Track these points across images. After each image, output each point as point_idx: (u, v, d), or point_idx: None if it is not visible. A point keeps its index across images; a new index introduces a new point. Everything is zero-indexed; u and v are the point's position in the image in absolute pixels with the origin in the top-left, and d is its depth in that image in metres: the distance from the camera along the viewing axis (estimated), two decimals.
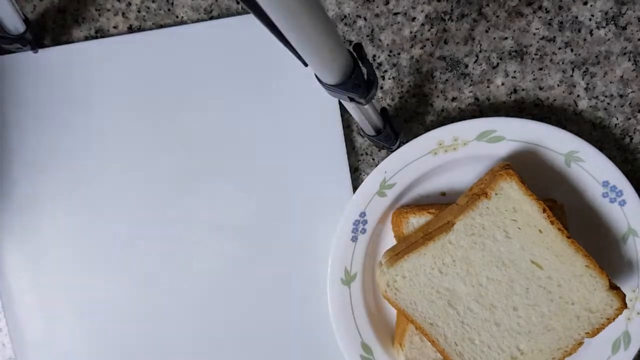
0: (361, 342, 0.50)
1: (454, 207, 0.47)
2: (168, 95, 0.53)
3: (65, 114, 0.53)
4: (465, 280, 0.45)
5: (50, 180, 0.53)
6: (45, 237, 0.53)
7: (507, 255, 0.45)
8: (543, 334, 0.45)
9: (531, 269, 0.45)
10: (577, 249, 0.45)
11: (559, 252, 0.45)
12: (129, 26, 0.54)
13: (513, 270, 0.45)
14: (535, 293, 0.44)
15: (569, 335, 0.45)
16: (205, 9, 0.54)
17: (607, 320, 0.45)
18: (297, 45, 0.30)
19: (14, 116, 0.53)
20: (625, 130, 0.53)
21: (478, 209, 0.45)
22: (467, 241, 0.45)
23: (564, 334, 0.45)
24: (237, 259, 0.53)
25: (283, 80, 0.53)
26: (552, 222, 0.45)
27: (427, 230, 0.47)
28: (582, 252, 0.45)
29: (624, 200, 0.49)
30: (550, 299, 0.44)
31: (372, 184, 0.50)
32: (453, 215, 0.46)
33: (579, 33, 0.52)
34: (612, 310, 0.45)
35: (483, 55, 0.53)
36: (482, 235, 0.45)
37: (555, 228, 0.45)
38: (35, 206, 0.53)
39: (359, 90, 0.35)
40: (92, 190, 0.53)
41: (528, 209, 0.45)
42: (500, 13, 0.52)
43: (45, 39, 0.54)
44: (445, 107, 0.53)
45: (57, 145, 0.53)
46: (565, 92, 0.53)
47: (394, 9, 0.52)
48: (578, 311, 0.45)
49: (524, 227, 0.45)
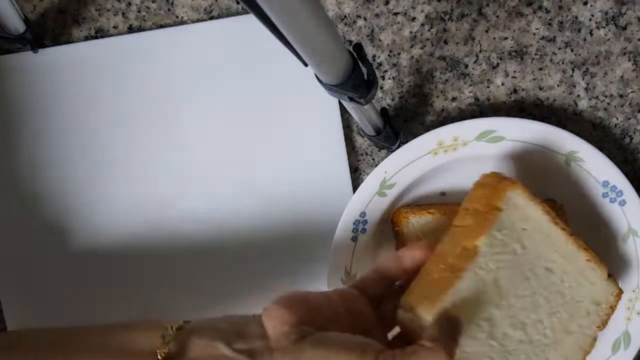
0: None
1: (460, 231, 0.44)
2: (168, 95, 0.53)
3: (65, 114, 0.53)
4: (499, 305, 0.41)
5: (50, 179, 0.53)
6: (45, 237, 0.53)
7: (528, 267, 0.43)
8: (565, 340, 0.44)
9: (547, 276, 0.43)
10: (578, 245, 0.44)
11: (565, 252, 0.44)
12: (129, 26, 0.54)
13: (534, 281, 0.43)
14: (554, 300, 0.43)
15: (585, 334, 0.44)
16: (205, 9, 0.54)
17: (611, 308, 0.45)
18: (297, 45, 0.30)
19: (14, 116, 0.53)
20: (626, 130, 0.53)
21: (495, 225, 0.42)
22: (494, 262, 0.42)
23: (581, 334, 0.44)
24: (236, 260, 0.53)
25: (283, 80, 0.53)
26: (557, 223, 0.44)
27: (447, 262, 0.41)
28: (582, 246, 0.44)
29: (624, 200, 0.49)
30: (566, 301, 0.44)
31: (372, 184, 0.50)
32: (466, 238, 0.42)
33: (579, 33, 0.52)
34: (612, 297, 0.44)
35: (483, 55, 0.53)
36: (505, 252, 0.42)
37: (559, 229, 0.44)
38: (35, 206, 0.53)
39: (359, 90, 0.35)
40: (92, 190, 0.53)
41: (535, 214, 0.44)
42: (500, 13, 0.52)
43: (45, 39, 0.54)
44: (445, 107, 0.53)
45: (57, 145, 0.53)
46: (565, 92, 0.53)
47: (394, 9, 0.52)
48: (587, 307, 0.44)
49: (534, 234, 0.43)
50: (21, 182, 0.53)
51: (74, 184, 0.53)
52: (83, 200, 0.53)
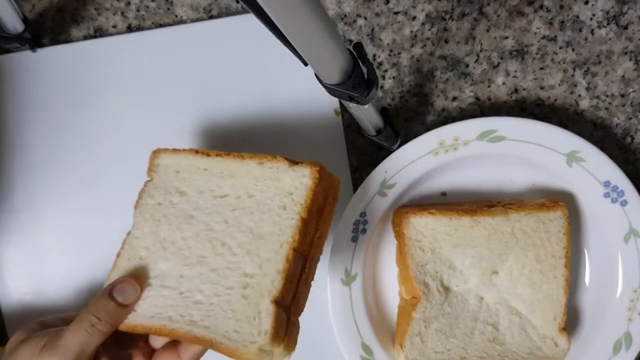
0: (361, 342, 0.50)
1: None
2: (167, 95, 0.53)
3: (64, 113, 0.53)
4: (168, 258, 0.43)
5: (50, 179, 0.53)
6: (45, 237, 0.53)
7: (191, 207, 0.44)
8: (259, 243, 0.42)
9: (219, 203, 0.44)
10: (239, 157, 0.44)
11: (232, 171, 0.44)
12: (128, 25, 0.54)
13: (202, 217, 0.44)
14: (236, 221, 0.43)
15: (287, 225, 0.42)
16: (204, 8, 0.53)
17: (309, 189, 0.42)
18: (297, 45, 0.30)
19: (13, 115, 0.53)
20: (627, 130, 0.53)
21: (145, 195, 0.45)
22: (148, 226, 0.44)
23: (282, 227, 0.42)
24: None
25: (283, 80, 0.52)
26: (209, 155, 0.45)
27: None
28: (248, 156, 0.44)
29: (626, 200, 0.49)
30: (252, 212, 0.43)
31: (372, 184, 0.49)
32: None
33: (580, 32, 0.52)
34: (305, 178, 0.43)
35: (484, 54, 0.52)
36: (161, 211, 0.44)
37: (214, 156, 0.45)
38: (35, 206, 0.53)
39: (359, 90, 0.35)
40: (92, 190, 0.53)
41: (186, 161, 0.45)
42: (501, 12, 0.52)
43: (44, 39, 0.54)
44: (445, 106, 0.53)
45: (56, 144, 0.53)
46: (566, 91, 0.53)
47: (394, 8, 0.52)
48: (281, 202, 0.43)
49: (191, 176, 0.45)
50: (21, 182, 0.53)
51: (74, 184, 0.53)
52: (84, 200, 0.53)
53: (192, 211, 0.44)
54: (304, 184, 0.42)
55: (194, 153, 0.46)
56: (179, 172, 0.46)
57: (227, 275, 0.42)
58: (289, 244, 0.41)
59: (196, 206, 0.44)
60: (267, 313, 0.39)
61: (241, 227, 0.43)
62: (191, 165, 0.45)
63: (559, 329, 0.48)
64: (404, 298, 0.50)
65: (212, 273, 0.42)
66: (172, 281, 0.42)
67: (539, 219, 0.48)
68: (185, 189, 0.45)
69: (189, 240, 0.43)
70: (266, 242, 0.42)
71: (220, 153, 0.45)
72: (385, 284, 0.52)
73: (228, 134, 0.53)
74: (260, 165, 0.44)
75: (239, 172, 0.44)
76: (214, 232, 0.43)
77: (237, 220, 0.43)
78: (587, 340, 0.50)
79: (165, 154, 0.46)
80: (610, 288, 0.50)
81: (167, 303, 0.42)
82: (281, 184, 0.43)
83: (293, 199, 0.42)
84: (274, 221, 0.42)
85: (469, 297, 0.48)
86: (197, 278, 0.42)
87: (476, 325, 0.48)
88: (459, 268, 0.48)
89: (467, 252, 0.48)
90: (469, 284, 0.48)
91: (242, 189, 0.44)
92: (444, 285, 0.48)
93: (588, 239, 0.51)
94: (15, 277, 0.53)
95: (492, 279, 0.48)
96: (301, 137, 0.52)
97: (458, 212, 0.48)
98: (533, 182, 0.51)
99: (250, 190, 0.43)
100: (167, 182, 0.45)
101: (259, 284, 0.41)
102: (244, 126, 0.53)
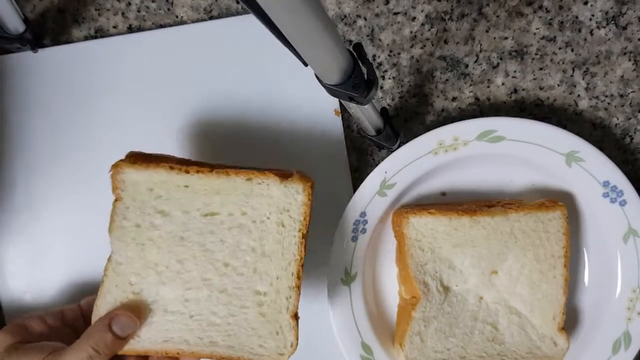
0: (361, 341, 0.50)
1: None
2: (167, 95, 0.53)
3: (65, 114, 0.53)
4: (165, 282, 0.42)
5: (50, 179, 0.53)
6: (45, 237, 0.53)
7: (181, 228, 0.42)
8: (265, 261, 0.42)
9: (210, 221, 0.42)
10: (224, 173, 0.42)
11: (218, 187, 0.42)
12: (128, 26, 0.54)
13: (195, 238, 0.42)
14: (233, 237, 0.42)
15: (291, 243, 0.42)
16: (205, 8, 0.53)
17: (304, 204, 0.42)
18: (297, 45, 0.30)
19: (14, 115, 0.53)
20: (626, 130, 0.53)
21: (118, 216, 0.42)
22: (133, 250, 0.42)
23: (287, 243, 0.42)
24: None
25: (283, 80, 0.53)
26: (187, 171, 0.42)
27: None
28: (233, 172, 0.42)
29: (625, 200, 0.49)
30: (249, 230, 0.42)
31: (372, 184, 0.50)
32: None
33: (580, 33, 0.52)
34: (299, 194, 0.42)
35: (483, 55, 0.53)
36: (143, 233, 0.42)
37: (194, 171, 0.42)
38: (35, 206, 0.53)
39: (359, 90, 0.35)
40: (93, 190, 0.53)
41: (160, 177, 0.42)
42: (501, 13, 0.52)
43: (45, 39, 0.54)
44: (445, 107, 0.53)
45: (56, 144, 0.53)
46: (565, 92, 0.53)
47: (394, 8, 0.52)
48: (278, 219, 0.42)
49: (171, 194, 0.42)
50: (21, 182, 0.53)
51: (74, 184, 0.53)
52: (84, 200, 0.53)
53: (182, 232, 0.42)
54: (298, 201, 0.43)
55: (169, 169, 0.42)
56: (152, 189, 0.42)
57: (238, 295, 0.42)
58: (296, 262, 0.42)
59: (185, 227, 0.42)
60: (289, 327, 0.42)
61: (241, 246, 0.43)
62: (167, 181, 0.42)
63: (558, 328, 0.48)
64: (403, 298, 0.51)
65: (221, 294, 0.42)
66: (176, 305, 0.42)
67: (538, 218, 0.48)
68: (166, 208, 0.42)
69: (186, 263, 0.42)
70: (272, 260, 0.43)
71: (202, 169, 0.42)
72: (385, 284, 0.52)
73: (228, 134, 0.53)
74: (248, 181, 0.42)
75: (225, 189, 0.43)
76: (213, 253, 0.43)
77: (236, 240, 0.43)
78: (587, 339, 0.50)
79: (130, 169, 0.42)
80: (609, 288, 0.50)
81: (178, 327, 0.42)
82: (274, 200, 0.43)
83: (290, 216, 0.43)
84: (275, 239, 0.43)
85: (468, 296, 0.48)
86: (207, 300, 0.42)
87: (476, 324, 0.48)
88: (459, 268, 0.49)
89: (467, 252, 0.48)
90: (469, 283, 0.48)
91: (233, 206, 0.43)
92: (443, 285, 0.48)
93: (587, 239, 0.51)
94: (16, 276, 0.53)
95: (491, 278, 0.48)
96: (301, 137, 0.53)
97: (458, 212, 0.48)
98: (532, 182, 0.51)
99: (242, 208, 0.43)
100: (142, 201, 0.42)
101: (274, 301, 0.42)
102: (244, 126, 0.53)
